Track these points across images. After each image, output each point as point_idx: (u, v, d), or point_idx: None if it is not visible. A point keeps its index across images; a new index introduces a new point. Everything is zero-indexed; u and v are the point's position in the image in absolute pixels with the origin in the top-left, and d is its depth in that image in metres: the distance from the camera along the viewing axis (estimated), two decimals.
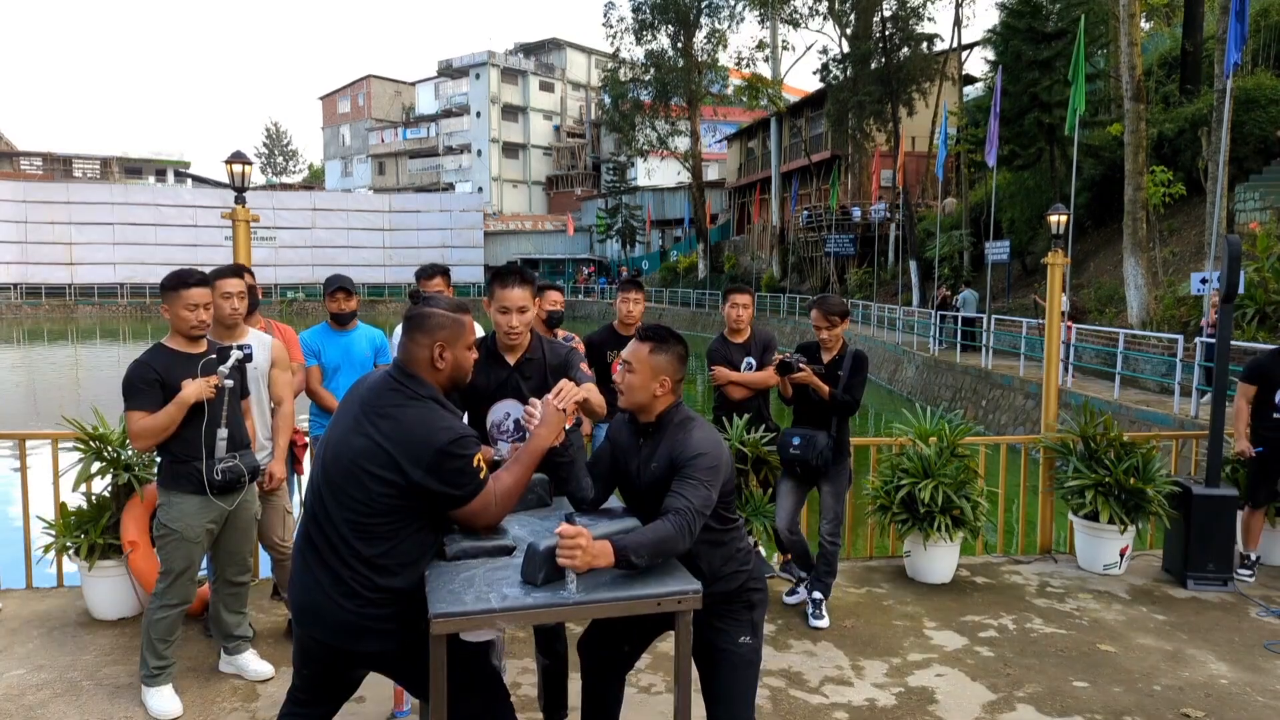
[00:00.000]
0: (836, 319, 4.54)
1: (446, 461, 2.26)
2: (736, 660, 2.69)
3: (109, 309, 47.70)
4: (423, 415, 2.30)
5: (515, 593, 2.25)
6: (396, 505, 2.30)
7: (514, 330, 3.15)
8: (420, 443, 2.26)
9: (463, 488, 2.31)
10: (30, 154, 62.20)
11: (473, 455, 2.31)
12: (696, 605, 2.33)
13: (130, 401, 3.42)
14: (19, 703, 3.63)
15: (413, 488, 2.28)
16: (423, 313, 2.38)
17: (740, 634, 2.69)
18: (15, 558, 4.99)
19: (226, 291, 3.85)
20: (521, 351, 3.24)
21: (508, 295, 3.13)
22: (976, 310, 19.68)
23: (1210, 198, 14.22)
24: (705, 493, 2.48)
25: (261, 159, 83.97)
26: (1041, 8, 21.07)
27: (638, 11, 39.24)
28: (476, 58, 62.18)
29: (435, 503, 2.33)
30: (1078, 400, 12.23)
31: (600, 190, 54.23)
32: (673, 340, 2.66)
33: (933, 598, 5.08)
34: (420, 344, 2.37)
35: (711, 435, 2.62)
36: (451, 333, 2.37)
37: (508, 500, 2.44)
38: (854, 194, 34.16)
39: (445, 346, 2.37)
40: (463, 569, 2.39)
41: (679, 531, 2.39)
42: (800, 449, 4.51)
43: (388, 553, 2.32)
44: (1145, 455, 5.53)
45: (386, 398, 2.35)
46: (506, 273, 3.18)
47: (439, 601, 2.20)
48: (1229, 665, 4.22)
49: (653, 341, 2.63)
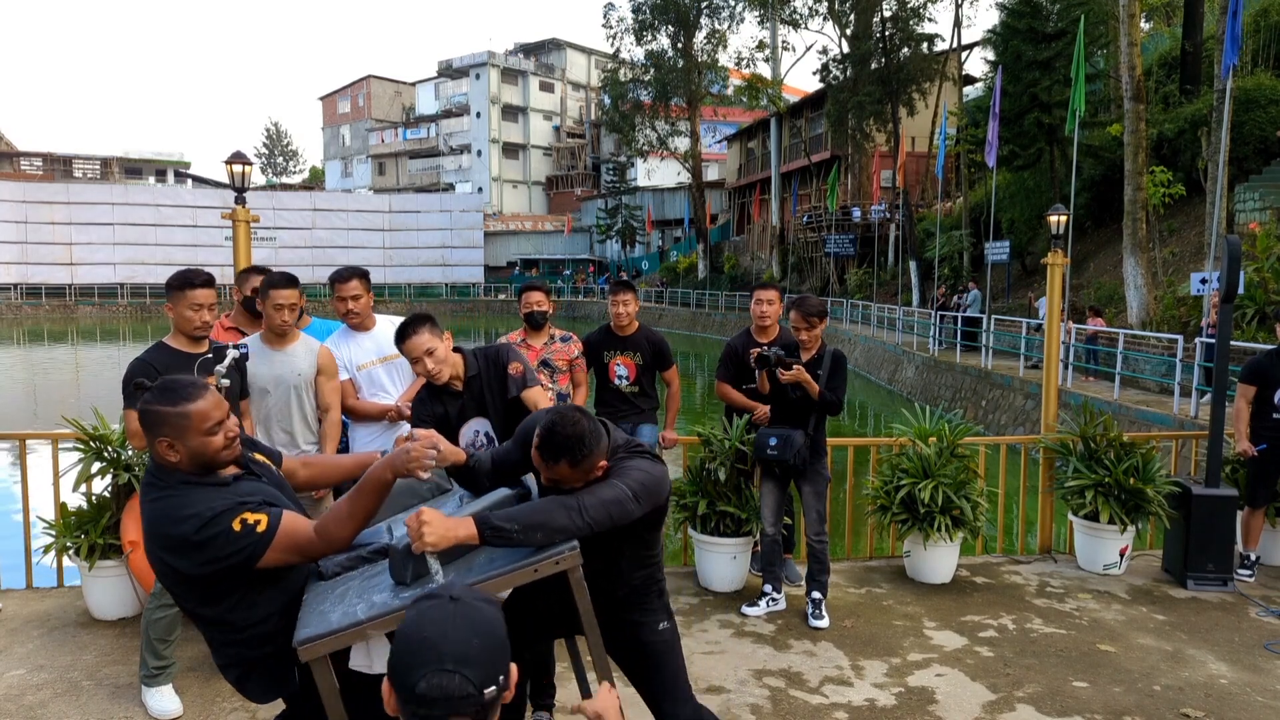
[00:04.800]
0: (815, 320, 4.55)
1: (204, 548, 2.15)
2: (662, 647, 2.68)
3: (109, 309, 47.68)
4: (169, 508, 2.20)
5: (384, 598, 2.14)
6: (193, 590, 2.26)
7: (432, 374, 3.24)
8: (171, 537, 2.19)
9: (241, 552, 2.16)
10: (30, 154, 62.18)
11: (230, 524, 2.16)
12: (577, 563, 2.20)
13: (130, 400, 3.42)
14: (19, 703, 3.63)
15: (193, 579, 2.22)
16: (143, 410, 2.23)
17: (659, 620, 2.68)
18: (15, 558, 4.98)
19: (279, 303, 3.80)
20: (461, 378, 3.34)
21: (410, 346, 3.21)
22: (979, 310, 19.69)
23: (1210, 198, 14.22)
24: (621, 493, 2.33)
25: (261, 159, 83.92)
26: (1041, 8, 21.07)
27: (638, 12, 39.28)
28: (476, 58, 62.19)
29: (227, 577, 2.23)
30: (1078, 400, 12.23)
31: (600, 190, 54.24)
32: (580, 442, 2.35)
33: (933, 598, 5.08)
34: (150, 441, 2.24)
35: (657, 466, 2.49)
36: (174, 428, 2.19)
37: (340, 528, 2.27)
38: (854, 194, 34.17)
39: (173, 442, 2.21)
40: (338, 585, 2.31)
41: (564, 508, 2.23)
42: (777, 449, 4.51)
43: (240, 627, 2.29)
44: (1145, 455, 5.53)
45: (144, 494, 2.28)
46: (403, 325, 3.26)
47: (303, 626, 2.10)
48: (1229, 665, 4.22)
49: (566, 459, 2.36)
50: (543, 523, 2.19)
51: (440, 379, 3.26)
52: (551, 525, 2.19)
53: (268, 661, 2.32)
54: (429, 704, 1.34)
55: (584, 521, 2.24)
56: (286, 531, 2.20)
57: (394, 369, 4.30)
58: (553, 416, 2.36)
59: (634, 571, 2.64)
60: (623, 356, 5.22)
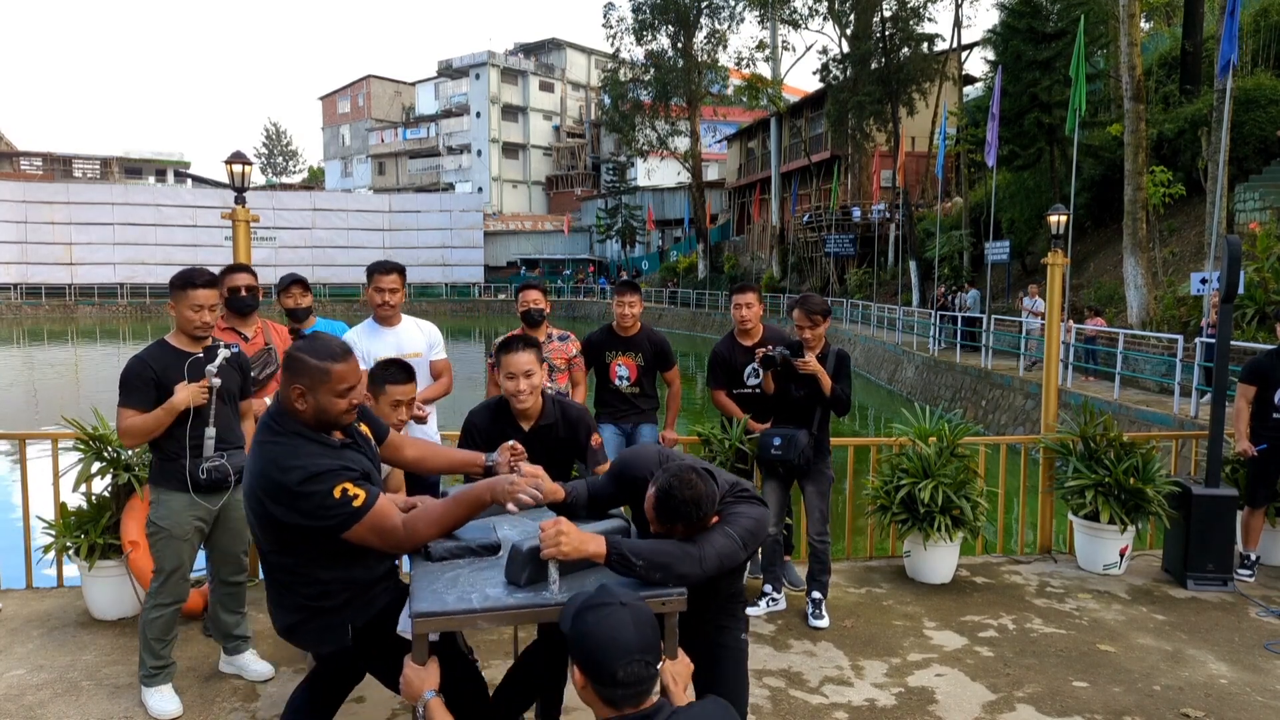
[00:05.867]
0: (819, 318, 4.54)
1: (301, 500, 2.29)
2: (739, 655, 2.75)
3: (109, 309, 47.68)
4: (279, 454, 2.34)
5: (497, 593, 2.25)
6: (282, 540, 2.40)
7: (520, 394, 3.19)
8: (274, 482, 2.32)
9: (329, 519, 2.30)
10: (30, 154, 62.17)
11: (332, 486, 2.29)
12: (681, 608, 2.29)
13: (124, 398, 3.43)
14: (19, 703, 3.63)
15: (284, 526, 2.34)
16: (290, 355, 2.41)
17: (739, 630, 2.75)
18: (15, 558, 4.98)
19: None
20: (535, 419, 3.27)
21: (513, 361, 3.17)
22: (978, 310, 19.70)
23: (1210, 198, 14.22)
24: (735, 545, 2.40)
25: (261, 159, 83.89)
26: (1041, 8, 21.06)
27: (638, 12, 39.26)
28: (476, 58, 62.17)
29: (311, 535, 2.36)
30: (1077, 400, 12.23)
31: (600, 190, 54.23)
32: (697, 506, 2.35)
33: (932, 598, 5.08)
34: (285, 384, 2.41)
35: (762, 512, 2.56)
36: (313, 380, 2.36)
37: (428, 529, 2.42)
38: (854, 194, 34.15)
39: (305, 392, 2.37)
40: (448, 569, 2.41)
41: (688, 557, 2.31)
42: (782, 449, 4.51)
43: (310, 578, 2.44)
44: (1145, 455, 5.53)
45: (259, 434, 2.43)
46: (511, 341, 3.25)
47: (421, 600, 2.20)
48: (1229, 665, 4.22)
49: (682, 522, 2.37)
50: (666, 564, 2.28)
51: (523, 405, 3.22)
52: (674, 571, 2.29)
53: (325, 616, 2.46)
54: (629, 685, 1.80)
55: (702, 571, 2.33)
56: (378, 514, 2.35)
57: None
58: (670, 480, 2.35)
59: (727, 588, 2.72)
60: (624, 357, 5.22)
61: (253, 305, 4.26)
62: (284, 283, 4.91)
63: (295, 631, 2.51)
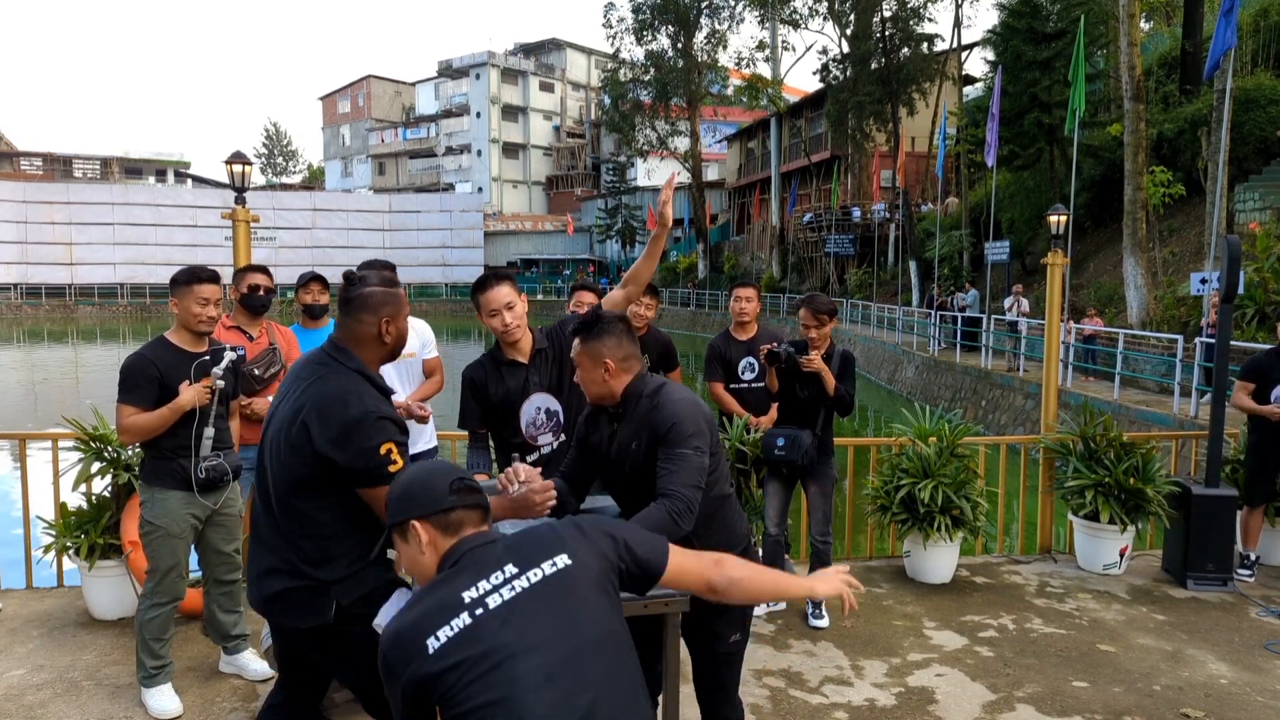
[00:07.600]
0: (825, 317, 4.55)
1: (354, 436, 2.24)
2: (729, 658, 2.71)
3: (109, 309, 47.68)
4: (344, 385, 2.32)
5: None
6: (306, 476, 2.30)
7: (509, 327, 3.16)
8: (333, 411, 2.27)
9: (368, 469, 2.26)
10: (30, 154, 62.19)
11: (383, 439, 2.27)
12: (684, 608, 2.28)
13: (125, 395, 3.40)
14: (19, 703, 3.63)
15: (318, 458, 2.26)
16: (364, 293, 2.43)
17: (733, 633, 2.68)
18: (15, 558, 4.99)
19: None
20: (530, 348, 3.25)
21: (490, 297, 3.15)
22: (978, 310, 19.69)
23: (1210, 198, 14.23)
24: (697, 461, 2.38)
25: (261, 159, 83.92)
26: (1041, 8, 21.07)
27: (638, 12, 39.27)
28: (476, 58, 62.17)
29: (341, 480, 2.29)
30: (1077, 400, 12.23)
31: (600, 190, 54.22)
32: (600, 324, 2.55)
33: (932, 598, 5.08)
34: (367, 322, 2.42)
35: (685, 397, 2.50)
36: (396, 307, 2.45)
37: None
38: (854, 194, 34.17)
39: (390, 320, 2.43)
40: None
41: (672, 516, 2.29)
42: (785, 449, 4.49)
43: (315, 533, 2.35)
44: (1145, 455, 5.53)
45: (315, 369, 2.40)
46: (484, 278, 3.22)
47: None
48: (1229, 665, 4.22)
49: (580, 334, 2.57)
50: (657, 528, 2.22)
51: (514, 337, 3.18)
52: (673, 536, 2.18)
53: (314, 587, 2.36)
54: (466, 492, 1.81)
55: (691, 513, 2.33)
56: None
57: (404, 368, 4.37)
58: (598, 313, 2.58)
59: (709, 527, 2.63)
60: None
61: (267, 305, 4.31)
62: (303, 279, 4.90)
63: (278, 601, 2.40)
